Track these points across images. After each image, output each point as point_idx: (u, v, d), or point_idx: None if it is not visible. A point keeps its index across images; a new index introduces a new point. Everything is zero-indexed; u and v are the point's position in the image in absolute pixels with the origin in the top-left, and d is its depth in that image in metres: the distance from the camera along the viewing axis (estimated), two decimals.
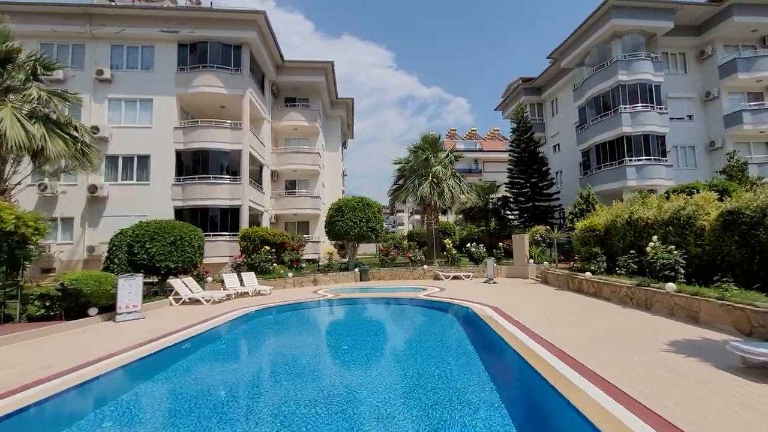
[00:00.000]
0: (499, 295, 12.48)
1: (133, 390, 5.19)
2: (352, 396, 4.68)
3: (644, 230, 11.27)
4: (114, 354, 6.22)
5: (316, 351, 7.50)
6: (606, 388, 4.24)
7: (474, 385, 4.91)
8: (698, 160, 22.92)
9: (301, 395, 4.71)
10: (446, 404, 4.27)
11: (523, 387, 5.24)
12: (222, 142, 19.74)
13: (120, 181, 19.26)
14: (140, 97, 19.69)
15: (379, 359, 6.68)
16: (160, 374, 5.72)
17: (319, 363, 6.57)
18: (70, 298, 8.88)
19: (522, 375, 5.46)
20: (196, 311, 10.57)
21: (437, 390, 4.69)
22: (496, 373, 5.44)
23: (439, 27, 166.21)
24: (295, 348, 7.60)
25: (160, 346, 6.77)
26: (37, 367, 5.63)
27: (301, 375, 5.59)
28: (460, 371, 5.57)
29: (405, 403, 4.42)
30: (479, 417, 3.94)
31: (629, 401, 3.86)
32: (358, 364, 6.25)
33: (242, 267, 15.98)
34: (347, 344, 7.79)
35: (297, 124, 25.86)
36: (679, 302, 7.96)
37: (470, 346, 6.88)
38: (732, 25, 21.30)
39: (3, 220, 7.95)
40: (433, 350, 6.88)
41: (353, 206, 18.02)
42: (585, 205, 18.45)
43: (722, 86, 22.18)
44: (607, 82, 22.03)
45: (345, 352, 7.11)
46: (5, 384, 4.90)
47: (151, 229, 12.90)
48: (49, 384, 4.90)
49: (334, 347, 7.73)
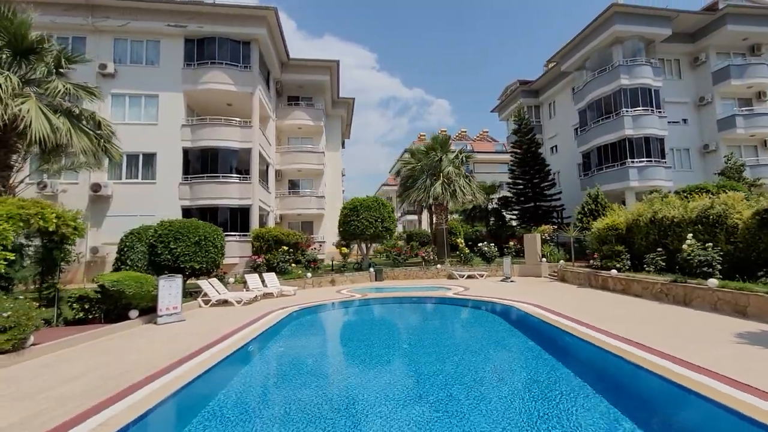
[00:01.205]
0: (530, 293, 12.67)
1: (239, 388, 5.06)
2: (457, 389, 4.67)
3: (669, 228, 11.67)
4: (191, 357, 5.99)
5: (389, 348, 7.41)
6: (725, 380, 4.37)
7: (581, 388, 4.99)
8: (692, 162, 23.92)
9: (404, 391, 4.67)
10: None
11: (632, 382, 5.31)
12: (232, 140, 19.31)
13: (125, 179, 18.58)
14: (145, 92, 19.06)
15: (452, 357, 6.68)
16: (251, 372, 5.61)
17: (399, 360, 6.53)
18: (110, 300, 8.50)
19: (620, 369, 5.53)
20: (232, 313, 10.30)
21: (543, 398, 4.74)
22: (587, 372, 5.55)
23: (421, 28, 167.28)
24: (364, 345, 7.53)
25: (232, 347, 6.57)
26: (117, 371, 5.37)
27: (387, 371, 5.54)
28: (549, 372, 5.64)
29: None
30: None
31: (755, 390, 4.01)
32: (437, 360, 6.24)
33: (261, 267, 15.66)
34: (408, 343, 7.77)
35: (301, 123, 25.56)
36: (724, 297, 8.29)
37: (536, 344, 7.00)
38: (725, 33, 22.34)
39: (46, 219, 7.54)
40: (508, 350, 6.95)
41: (368, 206, 17.93)
42: (594, 204, 18.95)
43: (715, 92, 23.23)
44: (609, 85, 22.71)
45: (414, 350, 7.09)
46: (103, 389, 4.65)
47: (175, 229, 12.48)
48: (152, 387, 4.68)
49: (399, 345, 7.68)
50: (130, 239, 14.42)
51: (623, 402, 4.46)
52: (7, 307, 5.83)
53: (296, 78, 25.20)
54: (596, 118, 23.99)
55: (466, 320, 10.07)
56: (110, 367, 5.62)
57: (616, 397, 4.65)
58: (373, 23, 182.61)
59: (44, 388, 4.72)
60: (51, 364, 5.86)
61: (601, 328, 7.07)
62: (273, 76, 24.02)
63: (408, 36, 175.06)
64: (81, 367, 5.68)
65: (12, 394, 4.59)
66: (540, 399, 4.48)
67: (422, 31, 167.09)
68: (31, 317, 6.12)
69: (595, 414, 4.14)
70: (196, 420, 4.04)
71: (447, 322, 10.02)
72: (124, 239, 14.46)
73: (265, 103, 21.85)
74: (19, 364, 5.86)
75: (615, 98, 22.63)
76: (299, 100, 26.81)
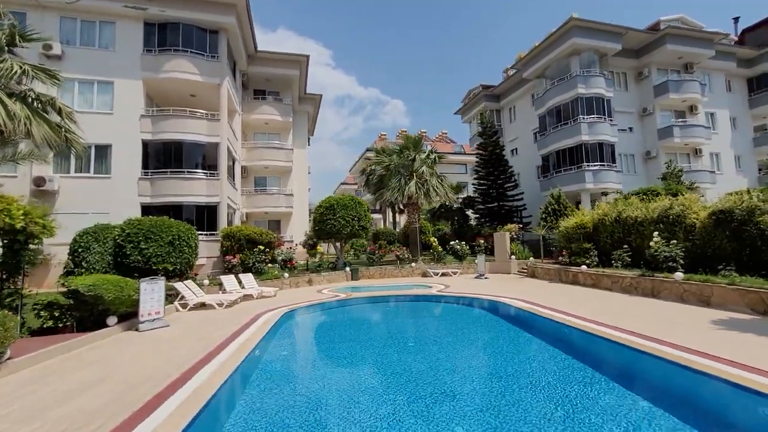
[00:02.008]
0: (508, 289, 13.24)
1: (271, 399, 4.78)
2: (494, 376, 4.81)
3: (633, 227, 12.75)
4: (199, 366, 5.58)
5: (403, 347, 7.40)
6: (725, 362, 4.89)
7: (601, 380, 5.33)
8: (637, 167, 26.28)
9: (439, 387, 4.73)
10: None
11: (637, 366, 5.76)
12: (198, 133, 18.19)
13: (74, 173, 16.83)
14: (99, 78, 17.37)
15: (464, 352, 6.84)
16: (275, 380, 5.33)
17: (423, 359, 6.54)
18: (85, 306, 7.67)
19: (625, 355, 5.97)
20: (216, 317, 9.72)
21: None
22: (596, 361, 5.93)
23: (378, 27, 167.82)
24: (377, 345, 7.44)
25: (240, 353, 6.20)
26: (121, 384, 4.87)
27: (418, 371, 5.55)
28: (559, 362, 5.96)
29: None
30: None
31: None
32: (452, 357, 6.36)
33: (237, 268, 14.91)
34: (413, 341, 7.81)
35: (269, 118, 24.67)
36: (689, 289, 9.23)
37: (539, 338, 7.36)
38: (665, 52, 24.77)
39: (12, 216, 6.65)
40: (516, 346, 7.22)
41: (345, 204, 17.72)
42: (557, 205, 20.20)
43: (656, 104, 25.70)
44: (567, 93, 24.30)
45: (427, 347, 7.15)
46: (122, 402, 4.19)
47: (145, 228, 11.54)
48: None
49: (416, 343, 7.69)
50: (85, 239, 13.00)
51: (639, 388, 4.87)
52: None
53: (264, 71, 24.23)
54: (555, 123, 25.57)
55: (462, 317, 10.27)
56: (111, 380, 5.09)
57: (631, 384, 5.07)
58: (330, 19, 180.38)
59: (48, 406, 4.19)
60: (38, 378, 5.19)
61: (596, 320, 7.59)
62: (239, 67, 22.94)
63: (364, 34, 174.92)
64: (74, 380, 5.08)
65: (13, 414, 4.01)
66: (571, 395, 4.72)
67: (379, 30, 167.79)
68: (9, 328, 5.38)
69: (624, 402, 4.45)
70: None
71: (444, 319, 10.22)
72: (78, 239, 13.01)
73: (233, 95, 20.81)
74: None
75: (573, 106, 24.26)
76: (266, 94, 25.86)
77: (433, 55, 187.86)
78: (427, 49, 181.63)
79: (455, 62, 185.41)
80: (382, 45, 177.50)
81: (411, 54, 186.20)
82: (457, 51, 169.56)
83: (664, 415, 3.96)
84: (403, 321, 10.29)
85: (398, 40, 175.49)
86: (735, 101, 28.67)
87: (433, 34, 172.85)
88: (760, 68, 28.25)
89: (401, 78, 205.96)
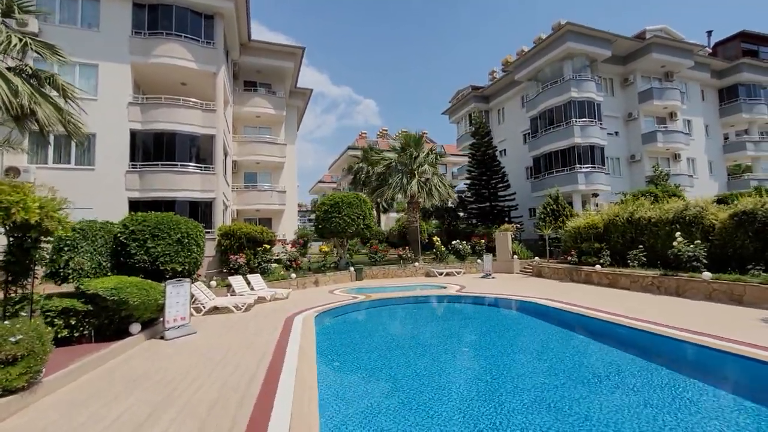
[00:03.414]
0: (525, 288, 13.19)
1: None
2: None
3: (646, 228, 13.05)
4: (272, 378, 4.96)
5: (457, 350, 7.04)
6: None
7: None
8: (622, 170, 27.28)
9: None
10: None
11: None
12: (192, 124, 16.99)
13: (52, 164, 15.27)
14: (81, 60, 15.82)
15: (523, 355, 6.59)
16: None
17: (484, 360, 6.22)
18: (105, 312, 6.77)
19: (693, 352, 5.92)
20: (240, 322, 8.98)
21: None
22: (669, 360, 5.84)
23: (352, 25, 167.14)
24: (434, 349, 7.04)
25: (310, 367, 5.60)
26: (203, 405, 4.21)
27: (489, 374, 5.22)
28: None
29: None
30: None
31: None
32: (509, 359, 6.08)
33: (243, 268, 14.00)
34: (468, 347, 7.49)
35: (261, 111, 23.55)
36: (719, 288, 9.45)
37: (596, 341, 7.24)
38: (650, 60, 25.85)
39: (27, 208, 5.70)
40: (571, 347, 7.04)
41: (350, 202, 17.14)
42: (555, 205, 20.53)
43: (641, 109, 26.78)
44: (560, 96, 24.82)
45: (482, 355, 6.83)
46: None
47: (152, 224, 10.49)
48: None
49: (473, 346, 7.35)
50: (71, 237, 11.78)
51: (716, 382, 4.83)
52: (17, 329, 4.25)
53: (256, 62, 23.08)
54: (547, 126, 26.07)
55: (502, 320, 9.94)
56: (176, 404, 4.40)
57: (714, 380, 5.02)
58: (302, 15, 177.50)
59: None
60: (85, 401, 4.40)
61: (652, 321, 7.53)
62: (231, 57, 21.73)
63: (337, 32, 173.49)
64: (133, 404, 4.35)
65: None
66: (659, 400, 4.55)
67: (352, 28, 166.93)
68: (46, 341, 4.55)
69: (735, 405, 4.32)
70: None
71: (486, 321, 9.88)
72: (63, 237, 11.77)
73: (227, 86, 19.68)
74: (36, 403, 4.31)
75: (565, 109, 24.81)
76: (257, 86, 24.69)
77: (407, 56, 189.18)
78: (402, 49, 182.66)
79: (430, 64, 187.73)
80: (356, 43, 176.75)
81: (385, 54, 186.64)
82: (434, 52, 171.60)
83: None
84: (448, 325, 9.78)
85: (372, 39, 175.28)
86: (708, 110, 30.43)
87: (408, 35, 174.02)
88: (730, 80, 30.11)
89: (374, 77, 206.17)
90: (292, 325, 8.23)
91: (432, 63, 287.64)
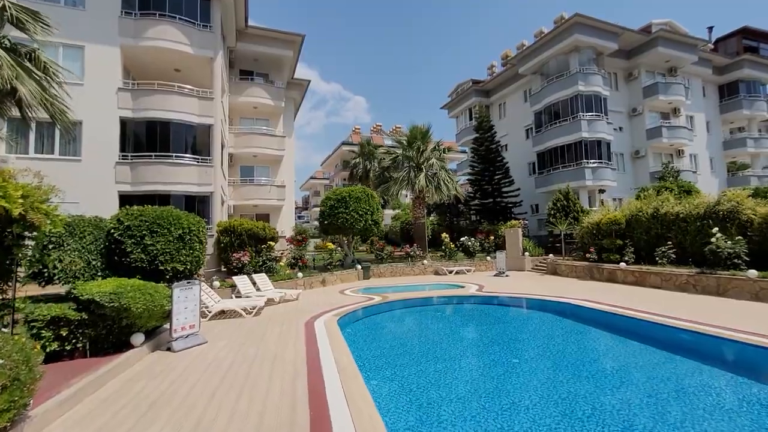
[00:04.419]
0: (548, 287, 12.50)
1: None
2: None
3: (673, 223, 12.47)
4: (319, 405, 4.05)
5: (504, 358, 6.24)
6: None
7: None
8: (626, 165, 26.92)
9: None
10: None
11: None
12: (188, 113, 15.82)
13: (33, 154, 13.97)
14: (65, 41, 14.53)
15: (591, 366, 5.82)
16: None
17: (546, 370, 5.43)
18: (103, 321, 5.75)
19: None
20: (253, 328, 8.03)
21: None
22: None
23: (341, 21, 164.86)
24: (484, 359, 6.22)
25: (359, 387, 4.71)
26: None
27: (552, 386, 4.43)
28: None
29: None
30: None
31: None
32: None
33: (248, 267, 12.97)
34: (512, 355, 6.70)
35: (259, 101, 22.36)
36: (767, 287, 8.86)
37: (660, 350, 6.51)
38: (655, 54, 25.47)
39: (8, 198, 4.67)
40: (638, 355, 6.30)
41: (357, 196, 16.21)
42: (565, 201, 19.95)
43: (645, 104, 26.43)
44: (567, 90, 24.24)
45: (534, 367, 6.05)
46: None
47: (150, 219, 9.41)
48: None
49: (517, 353, 6.56)
50: (57, 233, 10.61)
51: None
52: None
53: (253, 49, 21.88)
54: (553, 120, 25.50)
55: (540, 323, 9.15)
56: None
57: None
58: (291, 8, 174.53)
59: None
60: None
61: (725, 326, 6.84)
62: (227, 43, 20.51)
63: (327, 28, 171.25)
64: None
65: None
66: None
67: (342, 24, 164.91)
68: (33, 365, 3.57)
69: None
70: None
71: (523, 325, 9.15)
72: (47, 233, 10.59)
73: (224, 74, 18.50)
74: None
75: (572, 103, 24.26)
76: (253, 75, 23.47)
77: (398, 53, 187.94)
78: (392, 46, 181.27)
79: (422, 60, 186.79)
80: (346, 39, 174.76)
81: (375, 50, 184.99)
82: (423, 50, 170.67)
83: None
84: (487, 331, 8.82)
85: (362, 36, 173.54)
86: (709, 106, 30.32)
87: (399, 31, 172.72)
88: (730, 76, 30.04)
89: (364, 74, 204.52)
90: (315, 331, 7.31)
91: (424, 60, 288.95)
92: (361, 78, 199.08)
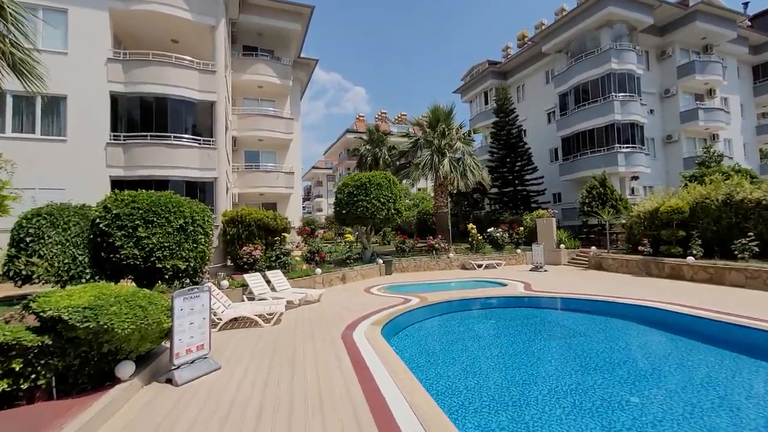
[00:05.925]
0: (604, 286, 10.86)
1: None
2: None
3: (752, 212, 10.78)
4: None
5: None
6: None
7: None
8: (657, 151, 25.12)
9: None
10: None
11: None
12: (187, 87, 14.03)
13: (11, 133, 12.22)
14: (44, 4, 12.65)
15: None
16: None
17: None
18: (76, 348, 4.07)
19: None
20: (277, 341, 6.38)
21: None
22: None
23: (341, 10, 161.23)
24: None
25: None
26: None
27: None
28: None
29: None
30: None
31: None
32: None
33: (260, 263, 11.30)
34: (623, 383, 5.06)
35: (264, 79, 20.46)
36: None
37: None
38: (693, 30, 23.49)
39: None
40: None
41: (378, 183, 14.46)
42: (602, 188, 18.23)
43: (679, 85, 24.53)
44: (598, 69, 22.34)
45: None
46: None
47: (143, 207, 7.69)
48: None
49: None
50: (36, 224, 8.78)
51: None
52: None
53: (257, 22, 19.89)
54: (581, 101, 23.62)
55: (622, 333, 7.41)
56: None
57: None
58: None
59: None
60: None
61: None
62: (229, 14, 18.51)
63: (326, 18, 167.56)
64: None
65: None
66: None
67: (341, 13, 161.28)
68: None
69: None
70: None
71: (594, 334, 7.39)
72: (25, 224, 8.69)
73: (227, 46, 16.60)
74: None
75: (603, 82, 22.38)
76: (258, 51, 21.49)
77: (399, 41, 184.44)
78: (394, 35, 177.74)
79: (421, 49, 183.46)
80: (345, 28, 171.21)
81: (376, 39, 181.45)
82: (424, 37, 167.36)
83: None
84: (565, 349, 6.79)
85: (363, 23, 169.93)
86: (743, 88, 28.41)
87: (400, 20, 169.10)
88: (766, 55, 28.09)
89: (364, 63, 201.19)
90: (359, 349, 5.65)
91: (425, 48, 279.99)
92: (361, 67, 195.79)
